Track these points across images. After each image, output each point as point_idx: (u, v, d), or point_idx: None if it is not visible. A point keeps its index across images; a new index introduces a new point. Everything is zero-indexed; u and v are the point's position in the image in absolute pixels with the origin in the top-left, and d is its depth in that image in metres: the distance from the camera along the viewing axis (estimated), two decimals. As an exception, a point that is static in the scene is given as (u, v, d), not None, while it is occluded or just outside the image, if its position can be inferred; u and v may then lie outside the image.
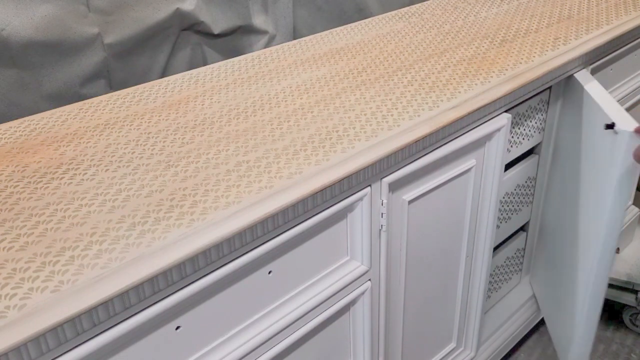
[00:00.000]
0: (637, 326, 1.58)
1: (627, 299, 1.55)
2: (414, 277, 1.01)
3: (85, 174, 0.76)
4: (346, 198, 0.80)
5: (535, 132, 1.23)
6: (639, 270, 1.53)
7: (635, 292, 1.53)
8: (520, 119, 1.16)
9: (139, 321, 0.61)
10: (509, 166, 1.22)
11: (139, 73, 1.43)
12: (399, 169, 0.86)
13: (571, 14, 1.36)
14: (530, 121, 1.20)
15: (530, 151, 1.29)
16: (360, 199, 0.82)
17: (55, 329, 0.54)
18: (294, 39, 1.74)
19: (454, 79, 1.02)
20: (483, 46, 1.17)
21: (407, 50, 1.17)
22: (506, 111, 1.03)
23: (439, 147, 0.92)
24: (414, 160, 0.88)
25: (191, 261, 0.63)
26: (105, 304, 0.57)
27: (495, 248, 1.32)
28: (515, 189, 1.26)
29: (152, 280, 0.60)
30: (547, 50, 1.13)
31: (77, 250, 0.61)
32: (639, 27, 1.31)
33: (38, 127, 0.91)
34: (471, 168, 1.00)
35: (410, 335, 1.07)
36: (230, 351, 0.73)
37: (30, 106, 1.27)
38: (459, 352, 1.25)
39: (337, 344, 0.93)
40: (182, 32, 1.48)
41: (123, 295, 0.58)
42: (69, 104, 1.00)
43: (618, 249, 1.61)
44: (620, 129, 0.94)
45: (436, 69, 1.07)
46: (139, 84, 1.09)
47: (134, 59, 1.40)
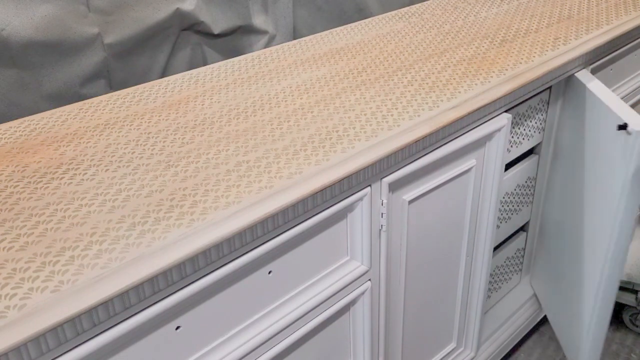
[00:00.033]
0: (637, 326, 1.58)
1: (627, 299, 1.55)
2: (414, 277, 1.01)
3: (85, 174, 0.76)
4: (346, 198, 0.80)
5: (535, 132, 1.23)
6: (639, 270, 1.53)
7: (635, 292, 1.53)
8: (520, 119, 1.16)
9: (139, 321, 0.61)
10: (509, 166, 1.22)
11: (139, 73, 1.43)
12: (399, 169, 0.86)
13: (571, 14, 1.36)
14: (530, 121, 1.20)
15: (530, 151, 1.29)
16: (360, 199, 0.82)
17: (55, 329, 0.54)
18: (294, 39, 1.74)
19: (454, 79, 1.02)
20: (483, 46, 1.17)
21: (407, 50, 1.17)
22: (506, 111, 1.03)
23: (439, 147, 0.92)
24: (414, 160, 0.88)
25: (191, 261, 0.63)
26: (105, 304, 0.57)
27: (496, 248, 1.32)
28: (515, 189, 1.26)
29: (152, 280, 0.60)
30: (547, 50, 1.13)
31: (77, 250, 0.61)
32: (639, 27, 1.31)
33: (38, 127, 0.91)
34: (471, 168, 1.00)
35: (410, 335, 1.07)
36: (230, 351, 0.73)
37: (30, 106, 1.27)
38: (459, 352, 1.25)
39: (337, 344, 0.93)
40: (182, 32, 1.48)
41: (123, 295, 0.58)
42: (69, 104, 1.00)
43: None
44: (634, 129, 0.94)
45: (436, 69, 1.07)
46: (139, 84, 1.09)
47: (134, 59, 1.40)
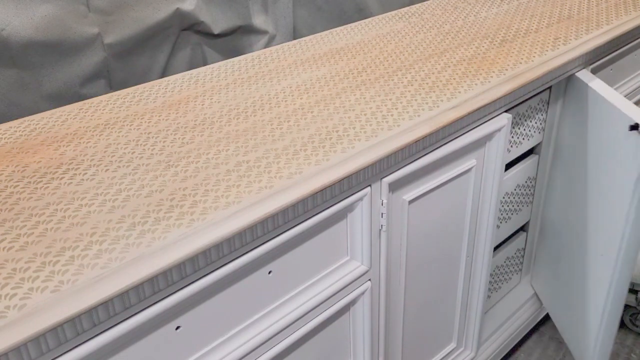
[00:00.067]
0: (637, 326, 1.58)
1: (627, 299, 1.55)
2: (414, 277, 1.01)
3: (85, 174, 0.76)
4: (346, 198, 0.80)
5: (535, 132, 1.23)
6: (639, 270, 1.53)
7: (635, 292, 1.53)
8: (520, 119, 1.16)
9: (139, 321, 0.61)
10: (509, 166, 1.22)
11: (139, 73, 1.43)
12: (399, 169, 0.86)
13: (571, 14, 1.36)
14: (530, 121, 1.20)
15: (530, 151, 1.29)
16: (360, 199, 0.82)
17: (55, 329, 0.54)
18: (294, 39, 1.74)
19: (454, 79, 1.02)
20: (483, 46, 1.17)
21: (407, 50, 1.17)
22: (506, 111, 1.03)
23: (439, 147, 0.92)
24: (414, 160, 0.88)
25: (191, 261, 0.63)
26: (105, 304, 0.57)
27: (496, 248, 1.32)
28: (515, 189, 1.26)
29: (152, 280, 0.60)
30: (547, 50, 1.13)
31: (77, 250, 0.61)
32: (639, 27, 1.31)
33: (38, 127, 0.91)
34: (471, 168, 1.00)
35: (410, 335, 1.07)
36: (230, 351, 0.73)
37: (30, 106, 1.27)
38: (459, 352, 1.25)
39: (337, 344, 0.93)
40: (182, 32, 1.48)
41: (123, 295, 0.58)
42: (69, 104, 1.00)
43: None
44: None
45: (436, 69, 1.07)
46: (139, 84, 1.09)
47: (134, 59, 1.40)
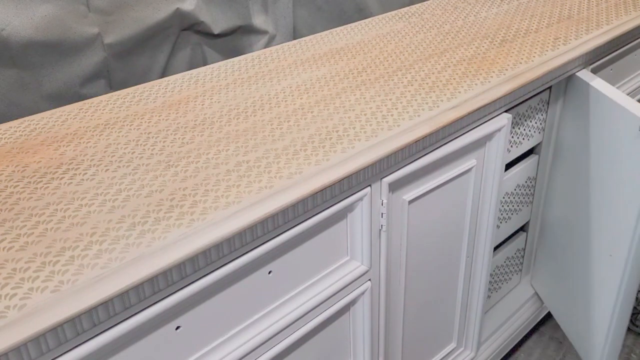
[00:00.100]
0: (637, 326, 1.58)
1: (627, 299, 1.55)
2: (414, 277, 1.01)
3: (85, 174, 0.76)
4: (346, 198, 0.80)
5: (535, 132, 1.23)
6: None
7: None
8: (520, 119, 1.16)
9: (139, 321, 0.61)
10: (509, 166, 1.22)
11: (139, 73, 1.43)
12: (399, 169, 0.86)
13: (571, 14, 1.36)
14: (530, 121, 1.20)
15: (530, 151, 1.29)
16: (360, 199, 0.82)
17: (55, 329, 0.54)
18: (294, 39, 1.74)
19: (454, 79, 1.02)
20: (483, 46, 1.17)
21: (407, 50, 1.17)
22: (506, 111, 1.03)
23: (439, 147, 0.92)
24: (414, 160, 0.88)
25: (191, 261, 0.63)
26: (105, 304, 0.57)
27: (496, 248, 1.32)
28: (515, 189, 1.26)
29: (152, 280, 0.60)
30: (547, 50, 1.13)
31: (77, 250, 0.61)
32: (639, 27, 1.31)
33: (38, 127, 0.91)
34: (471, 168, 1.00)
35: (410, 335, 1.07)
36: (230, 351, 0.73)
37: (30, 106, 1.27)
38: (459, 352, 1.25)
39: (337, 344, 0.93)
40: (182, 32, 1.48)
41: (123, 295, 0.58)
42: (69, 104, 1.00)
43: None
44: None
45: (436, 69, 1.07)
46: (139, 84, 1.09)
47: (134, 59, 1.40)
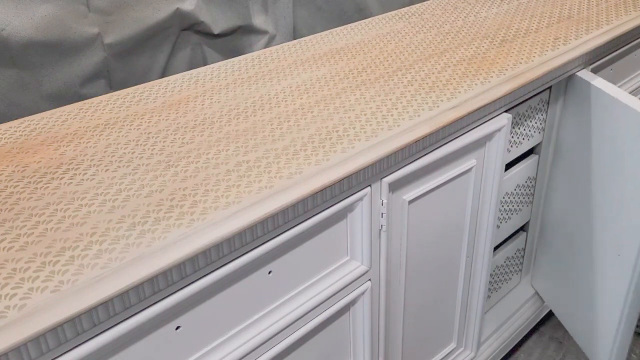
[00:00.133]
0: (638, 326, 1.58)
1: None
2: (414, 277, 1.01)
3: (85, 174, 0.76)
4: (346, 198, 0.80)
5: (535, 132, 1.23)
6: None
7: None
8: (520, 119, 1.16)
9: (139, 321, 0.61)
10: (509, 166, 1.22)
11: (139, 73, 1.43)
12: (399, 169, 0.86)
13: (571, 14, 1.36)
14: (530, 121, 1.20)
15: (530, 151, 1.29)
16: (360, 199, 0.82)
17: (55, 329, 0.54)
18: (294, 39, 1.74)
19: (454, 79, 1.02)
20: (483, 46, 1.17)
21: (407, 50, 1.17)
22: (506, 111, 1.03)
23: (439, 147, 0.92)
24: (414, 160, 0.88)
25: (191, 261, 0.63)
26: (105, 304, 0.57)
27: (495, 248, 1.32)
28: (515, 189, 1.26)
29: (152, 280, 0.60)
30: (547, 50, 1.13)
31: (77, 250, 0.61)
32: (639, 27, 1.31)
33: (38, 127, 0.91)
34: (471, 168, 1.00)
35: (410, 335, 1.07)
36: (230, 351, 0.73)
37: (30, 106, 1.27)
38: (459, 352, 1.25)
39: (337, 344, 0.93)
40: (182, 32, 1.48)
41: (123, 295, 0.58)
42: (69, 104, 1.00)
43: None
44: None
45: (436, 69, 1.07)
46: (139, 84, 1.09)
47: (134, 59, 1.40)
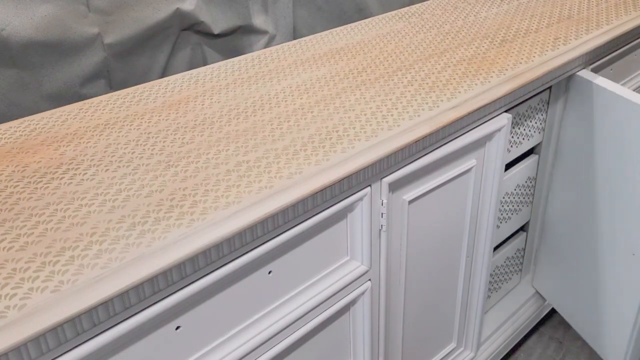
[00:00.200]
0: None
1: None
2: (414, 277, 1.01)
3: (85, 174, 0.76)
4: (346, 198, 0.80)
5: (535, 132, 1.23)
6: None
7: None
8: (520, 119, 1.16)
9: (139, 321, 0.61)
10: (509, 166, 1.22)
11: (139, 73, 1.43)
12: (399, 169, 0.86)
13: (571, 14, 1.36)
14: (530, 121, 1.20)
15: (531, 151, 1.29)
16: (360, 199, 0.82)
17: (55, 329, 0.54)
18: (294, 39, 1.74)
19: (454, 79, 1.02)
20: (483, 46, 1.17)
21: (407, 50, 1.17)
22: (506, 111, 1.03)
23: (439, 147, 0.92)
24: (414, 160, 0.88)
25: (191, 261, 0.63)
26: (105, 304, 0.57)
27: (495, 248, 1.32)
28: (515, 189, 1.26)
29: (152, 280, 0.60)
30: (547, 50, 1.13)
31: (77, 250, 0.61)
32: (639, 27, 1.31)
33: (38, 127, 0.91)
34: (471, 168, 1.00)
35: (410, 335, 1.07)
36: (230, 351, 0.73)
37: (30, 106, 1.27)
38: (459, 352, 1.25)
39: (337, 344, 0.93)
40: (182, 32, 1.48)
41: (123, 295, 0.58)
42: (69, 104, 1.00)
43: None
44: None
45: (436, 69, 1.07)
46: (139, 84, 1.09)
47: (134, 59, 1.40)
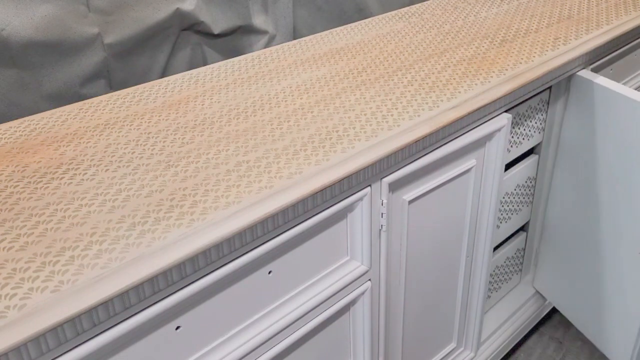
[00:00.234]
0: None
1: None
2: (414, 277, 1.01)
3: (85, 174, 0.76)
4: (346, 198, 0.80)
5: (535, 132, 1.23)
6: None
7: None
8: (520, 119, 1.16)
9: (139, 321, 0.61)
10: (509, 166, 1.22)
11: (139, 73, 1.43)
12: (399, 169, 0.86)
13: (571, 14, 1.36)
14: (530, 121, 1.20)
15: (531, 151, 1.29)
16: (360, 199, 0.82)
17: (55, 329, 0.54)
18: (294, 39, 1.74)
19: (454, 79, 1.02)
20: (483, 46, 1.17)
21: (407, 50, 1.17)
22: (506, 111, 1.03)
23: (439, 147, 0.92)
24: (414, 160, 0.88)
25: (191, 261, 0.63)
26: (105, 304, 0.57)
27: (495, 248, 1.32)
28: (515, 189, 1.26)
29: (152, 280, 0.60)
30: (547, 50, 1.13)
31: (77, 250, 0.61)
32: (639, 27, 1.31)
33: (38, 127, 0.91)
34: (471, 168, 1.00)
35: (410, 335, 1.07)
36: (230, 351, 0.73)
37: (30, 106, 1.27)
38: (459, 352, 1.25)
39: (337, 344, 0.93)
40: (182, 32, 1.48)
41: (123, 295, 0.58)
42: (69, 104, 1.00)
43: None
44: None
45: (436, 69, 1.07)
46: (139, 84, 1.09)
47: (134, 59, 1.40)
